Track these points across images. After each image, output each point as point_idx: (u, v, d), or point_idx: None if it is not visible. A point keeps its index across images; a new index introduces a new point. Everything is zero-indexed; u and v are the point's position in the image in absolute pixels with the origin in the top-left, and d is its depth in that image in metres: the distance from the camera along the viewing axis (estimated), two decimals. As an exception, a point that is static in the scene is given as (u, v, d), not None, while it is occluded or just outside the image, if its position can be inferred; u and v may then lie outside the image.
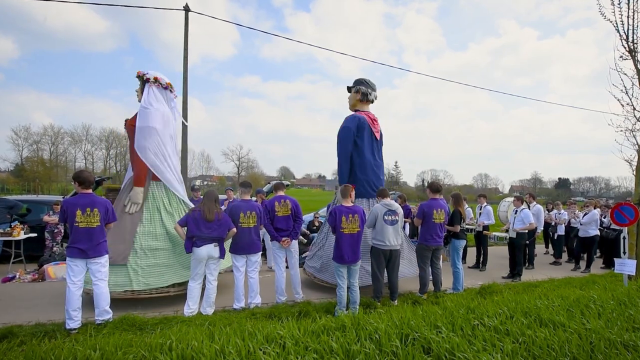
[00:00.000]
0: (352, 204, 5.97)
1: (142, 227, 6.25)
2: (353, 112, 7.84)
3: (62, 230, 9.01)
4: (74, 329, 4.89)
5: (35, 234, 8.85)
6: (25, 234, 8.58)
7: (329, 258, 6.67)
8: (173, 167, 6.75)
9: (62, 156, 56.58)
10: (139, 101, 6.73)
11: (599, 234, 10.00)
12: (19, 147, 52.33)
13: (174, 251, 6.30)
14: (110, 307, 5.22)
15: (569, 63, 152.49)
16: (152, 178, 6.57)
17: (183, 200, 6.85)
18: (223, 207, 6.22)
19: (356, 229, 5.73)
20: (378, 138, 7.90)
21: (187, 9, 13.13)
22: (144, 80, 6.73)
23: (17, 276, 7.78)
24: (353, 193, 6.10)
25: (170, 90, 6.97)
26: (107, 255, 5.25)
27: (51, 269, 7.87)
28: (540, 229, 10.70)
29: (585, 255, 10.19)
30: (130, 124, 6.58)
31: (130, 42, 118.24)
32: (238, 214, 5.94)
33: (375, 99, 7.99)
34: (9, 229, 8.48)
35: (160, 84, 6.75)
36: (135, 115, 6.57)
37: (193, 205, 6.71)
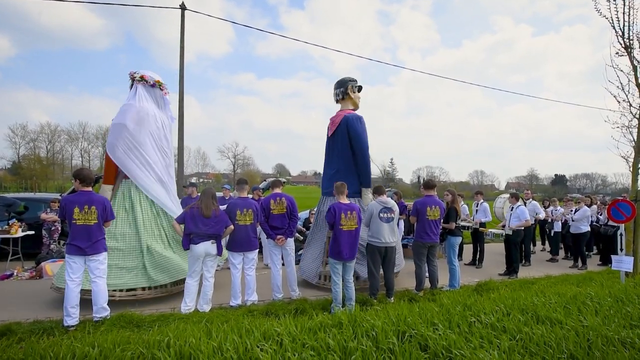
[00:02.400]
0: (349, 201, 6.02)
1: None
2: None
3: (60, 228, 9.00)
4: (72, 326, 4.89)
5: (32, 232, 8.83)
6: (22, 231, 8.58)
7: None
8: (150, 164, 6.51)
9: (58, 154, 56.45)
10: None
11: (589, 229, 10.07)
12: (16, 145, 52.21)
13: (131, 254, 6.10)
14: (107, 304, 5.23)
15: (564, 60, 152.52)
16: (124, 176, 6.46)
17: (153, 201, 6.55)
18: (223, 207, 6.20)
19: (354, 226, 5.77)
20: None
21: (183, 7, 13.10)
22: (133, 79, 6.71)
23: (15, 273, 7.77)
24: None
25: (160, 88, 6.86)
26: (105, 253, 5.25)
27: (49, 266, 7.86)
28: (542, 217, 10.68)
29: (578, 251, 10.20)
30: None
31: (126, 40, 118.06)
32: (235, 211, 5.94)
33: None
34: (6, 226, 8.48)
35: (147, 81, 6.68)
36: None
37: (173, 206, 6.68)
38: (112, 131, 6.35)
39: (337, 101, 7.88)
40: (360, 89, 7.89)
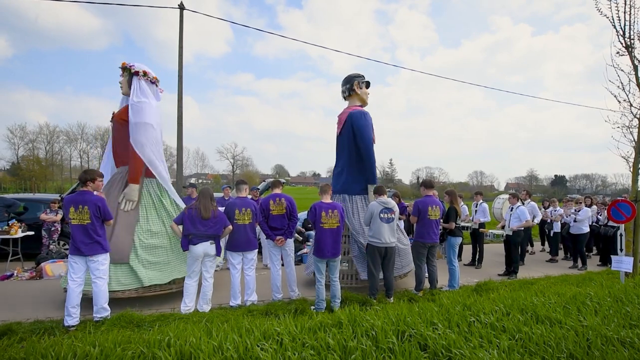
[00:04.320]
0: (331, 201, 6.12)
1: (139, 225, 6.24)
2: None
3: (59, 229, 9.00)
4: (73, 326, 4.92)
5: (32, 232, 8.83)
6: (22, 232, 8.58)
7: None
8: (164, 163, 6.75)
9: (57, 155, 56.33)
10: (123, 93, 6.74)
11: (589, 230, 10.08)
12: (15, 145, 52.06)
13: (172, 248, 6.33)
14: (108, 304, 5.25)
15: (563, 60, 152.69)
16: (145, 174, 6.55)
17: (174, 199, 6.82)
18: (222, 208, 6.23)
19: (336, 224, 5.85)
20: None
21: (182, 7, 13.12)
22: (131, 72, 6.62)
23: (15, 274, 7.78)
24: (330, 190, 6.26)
25: (156, 85, 6.88)
26: (105, 254, 5.27)
27: (48, 266, 7.87)
28: (537, 221, 10.64)
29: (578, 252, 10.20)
30: (121, 118, 6.49)
31: (124, 40, 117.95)
32: (233, 211, 5.96)
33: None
34: (6, 227, 8.48)
35: (149, 77, 6.68)
36: (125, 108, 6.49)
37: (183, 204, 6.77)
38: (138, 130, 6.34)
39: (344, 98, 7.78)
40: (368, 84, 7.77)
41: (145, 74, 6.62)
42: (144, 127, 6.34)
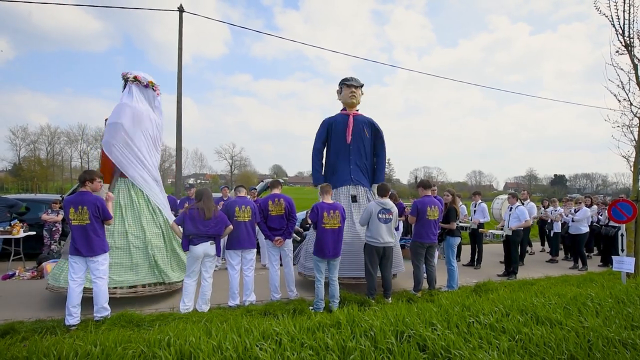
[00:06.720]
0: (333, 201, 6.17)
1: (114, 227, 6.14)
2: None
3: (60, 229, 9.03)
4: (73, 325, 4.94)
5: (34, 232, 8.88)
6: (24, 232, 8.62)
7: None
8: (144, 164, 6.57)
9: (58, 155, 56.61)
10: None
11: (588, 230, 10.06)
12: (16, 147, 52.43)
13: (130, 251, 6.10)
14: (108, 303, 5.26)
15: (562, 59, 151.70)
16: (120, 175, 6.48)
17: (149, 200, 6.61)
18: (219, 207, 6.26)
19: (337, 225, 5.89)
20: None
21: (181, 10, 13.17)
22: (126, 80, 6.71)
23: (17, 273, 7.81)
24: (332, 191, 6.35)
25: (153, 89, 6.87)
26: (105, 254, 5.28)
27: (49, 266, 7.86)
28: (533, 214, 10.59)
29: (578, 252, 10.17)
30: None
31: (124, 42, 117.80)
32: (234, 207, 6.02)
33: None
34: (8, 227, 8.52)
35: (140, 82, 6.69)
36: None
37: (166, 206, 6.83)
38: (108, 130, 6.34)
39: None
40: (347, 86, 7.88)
41: (135, 78, 6.66)
42: (114, 127, 6.28)
